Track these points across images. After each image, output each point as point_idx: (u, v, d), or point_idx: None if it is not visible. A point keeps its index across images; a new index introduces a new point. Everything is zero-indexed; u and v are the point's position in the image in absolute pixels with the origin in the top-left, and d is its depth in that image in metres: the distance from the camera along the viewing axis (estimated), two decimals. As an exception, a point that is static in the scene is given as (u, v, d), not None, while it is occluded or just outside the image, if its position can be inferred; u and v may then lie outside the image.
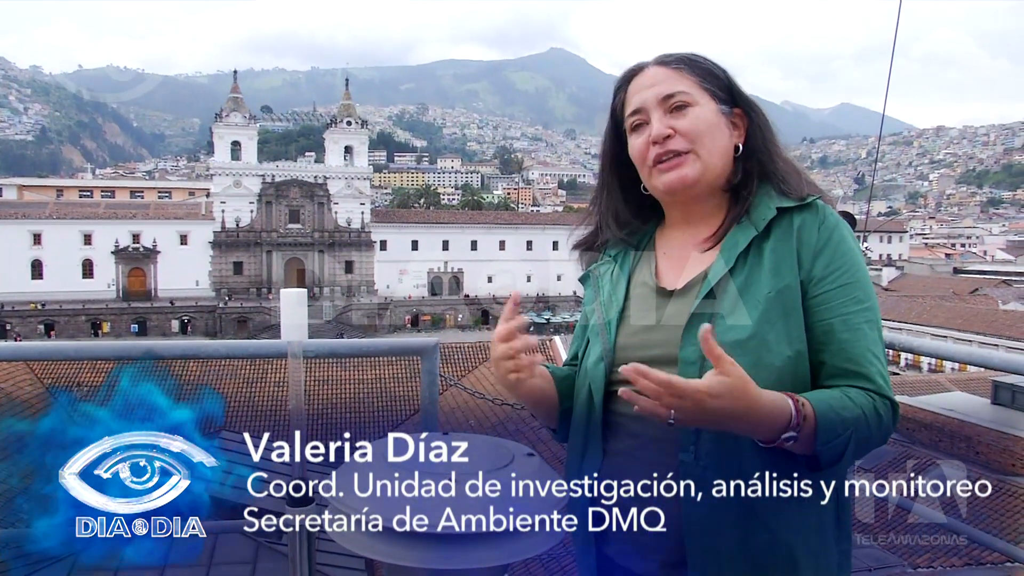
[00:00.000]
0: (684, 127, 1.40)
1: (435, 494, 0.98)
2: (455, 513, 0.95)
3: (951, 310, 44.80)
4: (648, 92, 1.44)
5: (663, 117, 1.42)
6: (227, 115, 73.91)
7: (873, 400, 1.28)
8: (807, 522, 1.31)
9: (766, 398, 1.19)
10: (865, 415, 1.25)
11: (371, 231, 75.03)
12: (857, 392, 1.28)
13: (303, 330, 2.67)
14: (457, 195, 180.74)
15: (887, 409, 1.30)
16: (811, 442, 1.22)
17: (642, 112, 1.44)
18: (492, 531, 0.95)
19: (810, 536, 1.31)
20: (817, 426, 1.22)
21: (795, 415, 1.20)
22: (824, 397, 1.25)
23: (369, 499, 0.99)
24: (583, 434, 1.45)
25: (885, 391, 1.30)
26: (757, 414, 1.17)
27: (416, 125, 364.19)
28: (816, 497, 1.33)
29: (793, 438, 1.21)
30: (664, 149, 1.41)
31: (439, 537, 0.94)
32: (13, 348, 2.02)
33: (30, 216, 67.45)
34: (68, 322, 60.62)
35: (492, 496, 0.99)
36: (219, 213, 71.20)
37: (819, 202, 1.40)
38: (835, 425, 1.22)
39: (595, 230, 1.63)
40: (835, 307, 1.32)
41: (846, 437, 1.23)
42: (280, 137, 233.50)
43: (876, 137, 13.70)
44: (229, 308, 65.16)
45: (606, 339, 1.46)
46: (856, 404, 1.25)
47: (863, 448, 1.27)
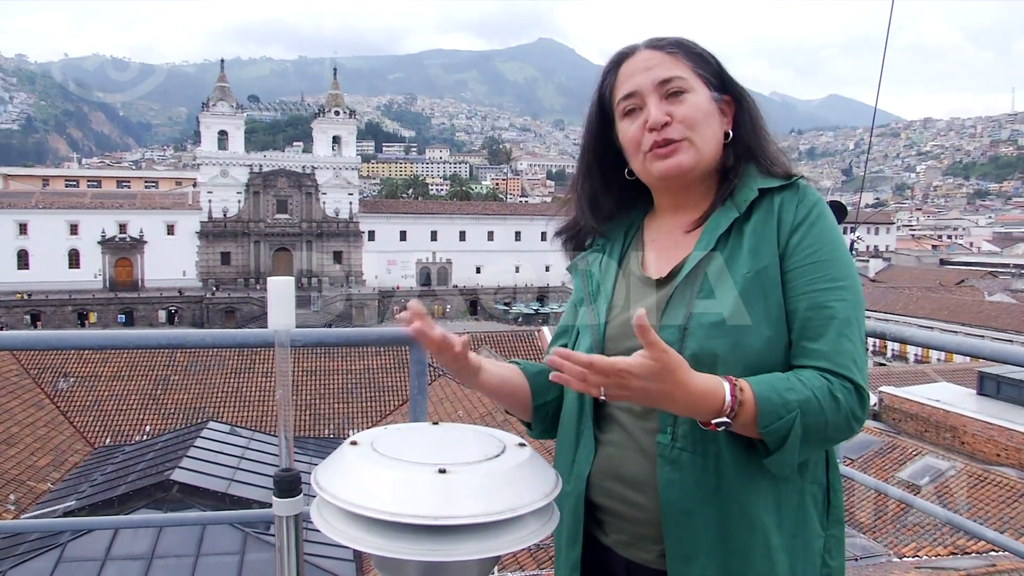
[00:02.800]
0: (681, 114, 1.38)
1: (424, 484, 0.96)
2: (444, 504, 0.94)
3: (937, 301, 45.11)
4: (643, 76, 1.41)
5: (659, 102, 1.39)
6: (214, 104, 73.50)
7: (830, 383, 1.23)
8: (786, 503, 1.29)
9: (697, 381, 1.16)
10: (816, 397, 1.21)
11: (359, 221, 74.91)
12: (811, 374, 1.24)
13: (290, 319, 2.65)
14: (445, 186, 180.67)
15: (849, 393, 1.23)
16: (753, 426, 1.20)
17: (636, 96, 1.41)
18: (482, 522, 0.93)
19: (787, 517, 1.29)
20: (757, 410, 1.19)
21: (729, 400, 1.18)
22: (768, 380, 1.22)
23: (357, 489, 0.97)
24: (575, 425, 1.45)
25: (850, 373, 1.24)
26: (685, 397, 1.15)
27: (404, 115, 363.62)
28: (799, 477, 1.31)
29: (725, 424, 1.19)
30: (661, 137, 1.38)
31: (428, 528, 0.94)
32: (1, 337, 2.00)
33: (16, 206, 67.00)
34: (54, 312, 60.30)
35: (482, 486, 0.97)
36: (206, 203, 70.87)
37: (801, 182, 1.39)
38: (776, 407, 1.19)
39: (576, 217, 1.60)
40: (803, 284, 1.29)
41: (789, 420, 1.19)
42: (268, 127, 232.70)
43: (864, 128, 13.79)
44: (217, 298, 64.88)
45: (595, 331, 1.45)
46: (806, 386, 1.21)
47: (817, 433, 1.21)
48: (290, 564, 1.34)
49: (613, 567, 1.41)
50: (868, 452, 16.56)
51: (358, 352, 24.04)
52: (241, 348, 22.07)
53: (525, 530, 0.97)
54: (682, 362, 1.15)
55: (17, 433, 18.40)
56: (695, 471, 1.26)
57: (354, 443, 1.07)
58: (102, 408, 21.59)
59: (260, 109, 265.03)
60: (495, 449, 1.07)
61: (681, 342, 1.30)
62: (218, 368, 23.53)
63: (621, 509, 1.36)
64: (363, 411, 22.14)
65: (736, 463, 1.26)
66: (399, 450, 1.04)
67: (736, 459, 1.26)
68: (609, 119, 1.49)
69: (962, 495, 14.26)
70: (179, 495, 11.78)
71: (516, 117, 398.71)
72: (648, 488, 1.32)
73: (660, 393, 1.14)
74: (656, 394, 1.14)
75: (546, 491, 1.02)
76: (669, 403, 1.17)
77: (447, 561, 0.94)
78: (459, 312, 72.35)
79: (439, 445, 1.11)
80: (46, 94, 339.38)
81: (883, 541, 12.01)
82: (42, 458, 17.88)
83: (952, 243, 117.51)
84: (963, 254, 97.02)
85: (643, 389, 1.13)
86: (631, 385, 1.12)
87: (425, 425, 1.21)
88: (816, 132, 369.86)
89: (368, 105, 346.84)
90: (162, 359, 23.27)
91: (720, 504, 1.27)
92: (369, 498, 0.94)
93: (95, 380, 22.32)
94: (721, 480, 1.27)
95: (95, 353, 22.91)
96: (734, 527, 1.27)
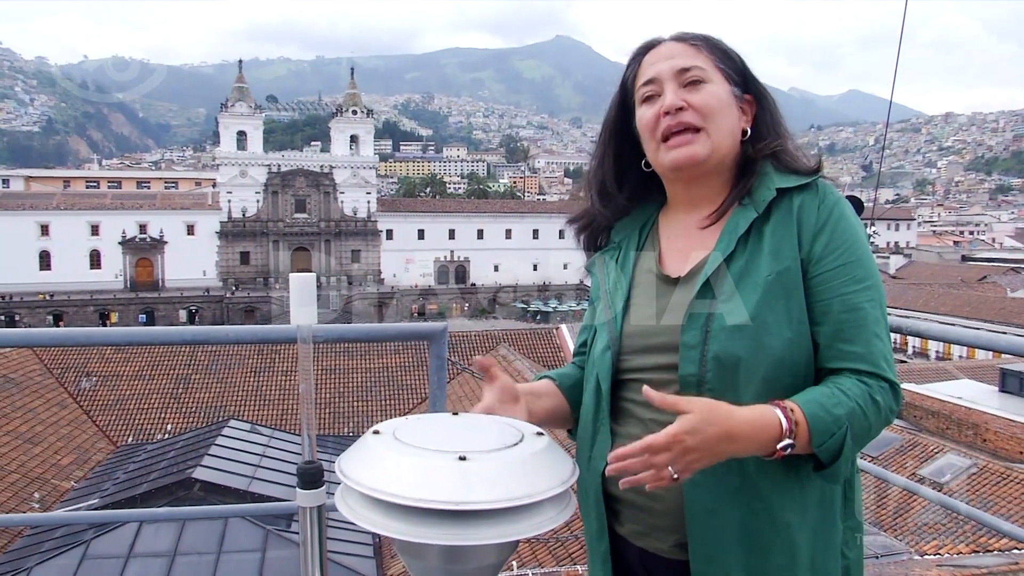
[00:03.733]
0: (698, 102, 1.39)
1: (445, 471, 0.99)
2: (465, 490, 0.96)
3: (959, 298, 44.65)
4: (664, 64, 1.43)
5: (677, 90, 1.40)
6: (232, 105, 73.92)
7: (868, 387, 1.25)
8: (808, 500, 1.31)
9: (744, 415, 1.18)
10: (860, 407, 1.23)
11: (377, 220, 75.10)
12: (850, 382, 1.26)
13: (313, 314, 2.68)
14: (463, 184, 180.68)
15: (886, 393, 1.27)
16: (807, 446, 1.22)
17: (655, 83, 1.43)
18: (501, 508, 0.96)
19: (810, 514, 1.31)
20: (810, 429, 1.20)
21: (786, 423, 1.19)
22: (813, 397, 1.24)
23: (380, 476, 1.00)
24: (592, 420, 1.47)
25: (884, 372, 1.27)
26: (742, 433, 1.17)
27: (422, 114, 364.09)
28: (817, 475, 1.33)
29: (790, 446, 1.20)
30: (676, 120, 1.39)
31: (449, 514, 0.95)
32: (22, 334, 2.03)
33: (37, 207, 67.67)
34: (76, 312, 60.85)
35: (501, 473, 1.00)
36: (225, 203, 71.30)
37: (820, 181, 1.39)
38: (828, 425, 1.21)
39: (588, 206, 1.62)
40: (835, 287, 1.30)
41: (841, 435, 1.21)
42: (286, 127, 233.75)
43: (884, 124, 13.53)
44: (236, 298, 65.32)
45: (612, 328, 1.46)
46: (849, 397, 1.24)
47: (863, 439, 1.25)
48: (313, 555, 1.37)
49: (627, 556, 1.43)
50: (889, 449, 16.46)
51: (377, 350, 24.14)
52: (264, 344, 22.21)
53: (542, 516, 1.00)
54: (714, 401, 1.17)
55: (41, 432, 18.64)
56: (719, 470, 1.26)
57: (377, 432, 1.10)
58: (124, 407, 21.81)
59: (278, 109, 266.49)
60: (513, 438, 1.10)
61: (703, 344, 1.31)
62: (238, 367, 23.70)
63: (637, 500, 1.38)
64: (382, 409, 22.23)
65: (759, 462, 1.27)
66: (420, 439, 1.07)
67: (759, 458, 1.27)
68: (630, 109, 1.50)
69: (984, 493, 14.14)
70: (201, 493, 11.88)
71: (533, 115, 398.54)
72: None
73: (719, 436, 1.15)
74: (716, 438, 1.14)
75: (563, 478, 1.04)
76: (733, 443, 1.17)
77: (467, 545, 0.97)
78: (477, 310, 72.43)
79: (459, 434, 1.14)
80: (66, 96, 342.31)
81: (904, 539, 11.94)
82: (65, 456, 18.10)
83: (974, 239, 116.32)
84: (985, 250, 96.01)
85: (703, 442, 1.13)
86: (690, 445, 1.12)
87: (445, 415, 1.24)
88: (836, 128, 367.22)
89: (385, 104, 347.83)
90: (183, 358, 23.46)
91: (743, 502, 1.29)
92: (392, 484, 0.97)
93: (117, 379, 22.56)
94: (744, 479, 1.29)
95: (117, 353, 23.15)
96: (757, 524, 1.29)
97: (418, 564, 1.05)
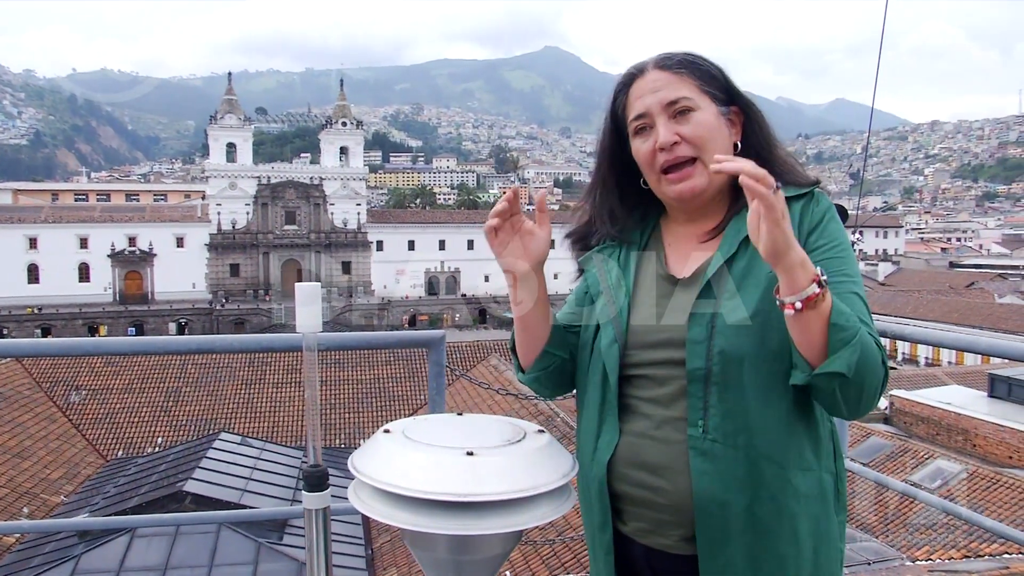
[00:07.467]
0: (689, 134, 1.45)
1: (453, 465, 1.05)
2: (472, 483, 1.01)
3: (947, 304, 44.92)
4: (651, 98, 1.48)
5: (668, 123, 1.46)
6: (222, 117, 73.83)
7: None
8: (809, 490, 1.37)
9: None
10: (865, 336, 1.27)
11: (367, 231, 75.01)
12: None
13: (317, 322, 2.71)
14: (453, 195, 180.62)
15: (877, 340, 1.32)
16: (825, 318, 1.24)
17: (646, 117, 1.49)
18: (506, 499, 1.02)
19: (812, 505, 1.37)
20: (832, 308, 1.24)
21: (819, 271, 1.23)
22: None
23: (392, 471, 1.06)
24: (598, 415, 1.51)
25: (872, 331, 1.32)
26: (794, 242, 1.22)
27: (411, 125, 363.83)
28: (818, 465, 1.39)
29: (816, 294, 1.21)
30: (672, 156, 1.46)
31: (457, 505, 1.01)
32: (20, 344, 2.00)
33: (25, 220, 67.33)
34: (65, 326, 60.42)
35: (506, 467, 1.06)
36: (215, 215, 71.08)
37: (815, 190, 1.47)
38: (846, 315, 1.25)
39: (588, 223, 1.68)
40: (828, 273, 1.33)
41: (856, 326, 1.25)
42: (275, 138, 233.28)
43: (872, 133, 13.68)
44: (226, 310, 64.99)
45: (619, 323, 1.50)
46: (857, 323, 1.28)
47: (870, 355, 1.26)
48: (319, 557, 1.42)
49: (633, 555, 1.47)
50: (879, 456, 16.53)
51: (368, 362, 24.11)
52: (268, 352, 22.14)
53: (544, 508, 1.07)
54: None
55: (30, 446, 18.50)
56: (727, 461, 1.33)
57: (387, 431, 1.17)
58: (114, 420, 21.70)
59: (267, 121, 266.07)
60: (516, 435, 1.16)
61: (709, 340, 1.37)
62: (229, 379, 23.61)
63: (642, 495, 1.42)
64: (374, 420, 22.16)
65: (766, 453, 1.34)
66: (429, 436, 1.14)
67: (766, 449, 1.33)
68: (623, 135, 1.56)
69: (974, 498, 14.23)
70: (192, 506, 11.85)
71: (523, 125, 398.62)
72: (670, 473, 1.39)
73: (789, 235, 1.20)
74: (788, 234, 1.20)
75: (563, 472, 1.11)
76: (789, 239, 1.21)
77: (474, 535, 1.03)
78: (468, 320, 72.32)
79: (465, 432, 1.19)
80: (54, 109, 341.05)
81: (896, 544, 12.00)
82: (55, 471, 17.97)
83: (961, 246, 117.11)
84: (973, 257, 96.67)
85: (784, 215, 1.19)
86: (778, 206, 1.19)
87: (451, 416, 1.30)
88: (823, 136, 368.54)
89: (375, 115, 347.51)
90: (173, 371, 23.36)
91: (750, 493, 1.34)
92: (403, 478, 1.03)
93: (107, 393, 22.44)
94: (751, 469, 1.34)
95: (106, 366, 23.05)
96: (764, 514, 1.34)
97: (427, 555, 1.11)
